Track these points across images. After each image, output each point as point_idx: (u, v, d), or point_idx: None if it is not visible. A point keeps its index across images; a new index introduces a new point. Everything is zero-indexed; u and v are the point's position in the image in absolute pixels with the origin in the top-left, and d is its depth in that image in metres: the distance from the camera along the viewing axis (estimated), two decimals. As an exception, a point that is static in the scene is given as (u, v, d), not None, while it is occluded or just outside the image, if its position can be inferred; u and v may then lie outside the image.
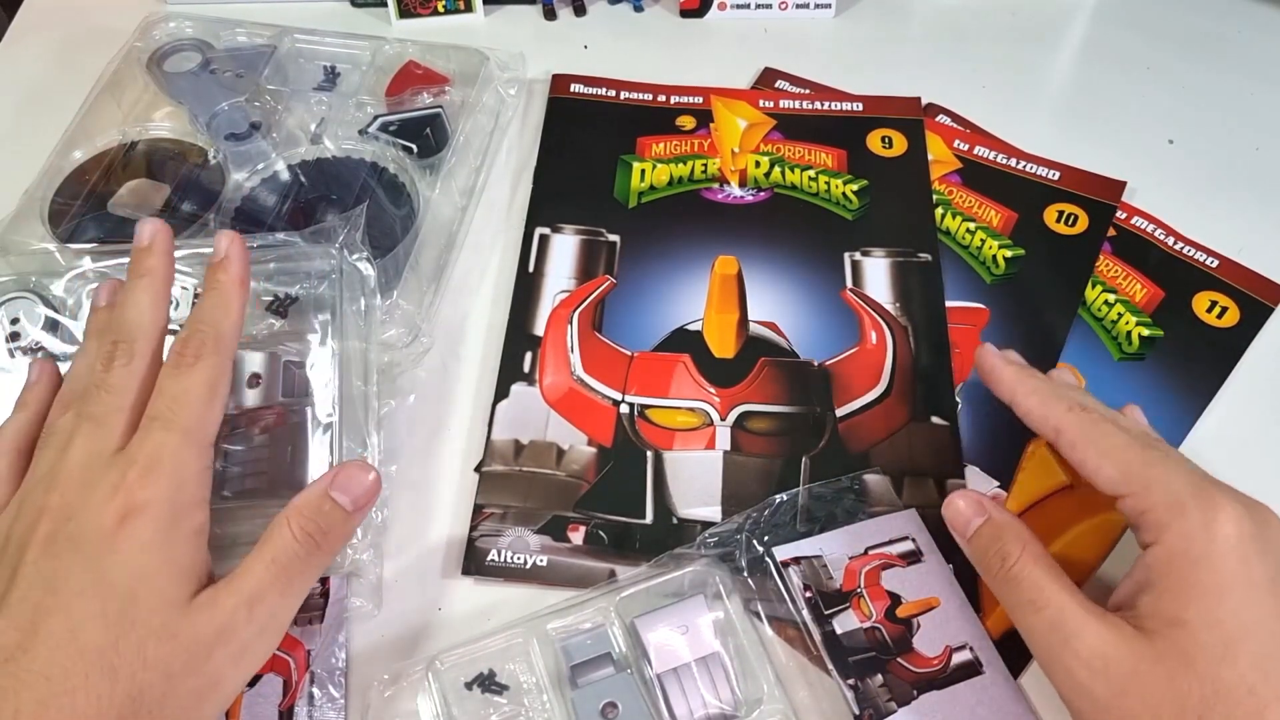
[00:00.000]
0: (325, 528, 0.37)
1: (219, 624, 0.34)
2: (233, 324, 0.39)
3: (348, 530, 0.38)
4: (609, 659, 0.41)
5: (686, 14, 0.68)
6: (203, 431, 0.37)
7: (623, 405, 0.49)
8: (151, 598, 0.33)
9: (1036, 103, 0.64)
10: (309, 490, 0.38)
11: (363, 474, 0.38)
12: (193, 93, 0.57)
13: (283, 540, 0.36)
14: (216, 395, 0.38)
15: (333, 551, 0.38)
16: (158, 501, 0.34)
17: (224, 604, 0.34)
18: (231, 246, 0.41)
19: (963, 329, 0.52)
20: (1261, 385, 0.51)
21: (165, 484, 0.35)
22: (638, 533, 0.46)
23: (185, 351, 0.38)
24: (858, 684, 0.40)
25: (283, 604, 0.36)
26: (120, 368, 0.37)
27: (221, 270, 0.40)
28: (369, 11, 0.67)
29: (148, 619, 0.33)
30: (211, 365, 0.38)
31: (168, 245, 0.41)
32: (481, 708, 0.40)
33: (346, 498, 0.37)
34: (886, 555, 0.44)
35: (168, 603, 0.34)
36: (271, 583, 0.35)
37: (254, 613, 0.35)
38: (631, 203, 0.57)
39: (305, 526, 0.36)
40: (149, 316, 0.39)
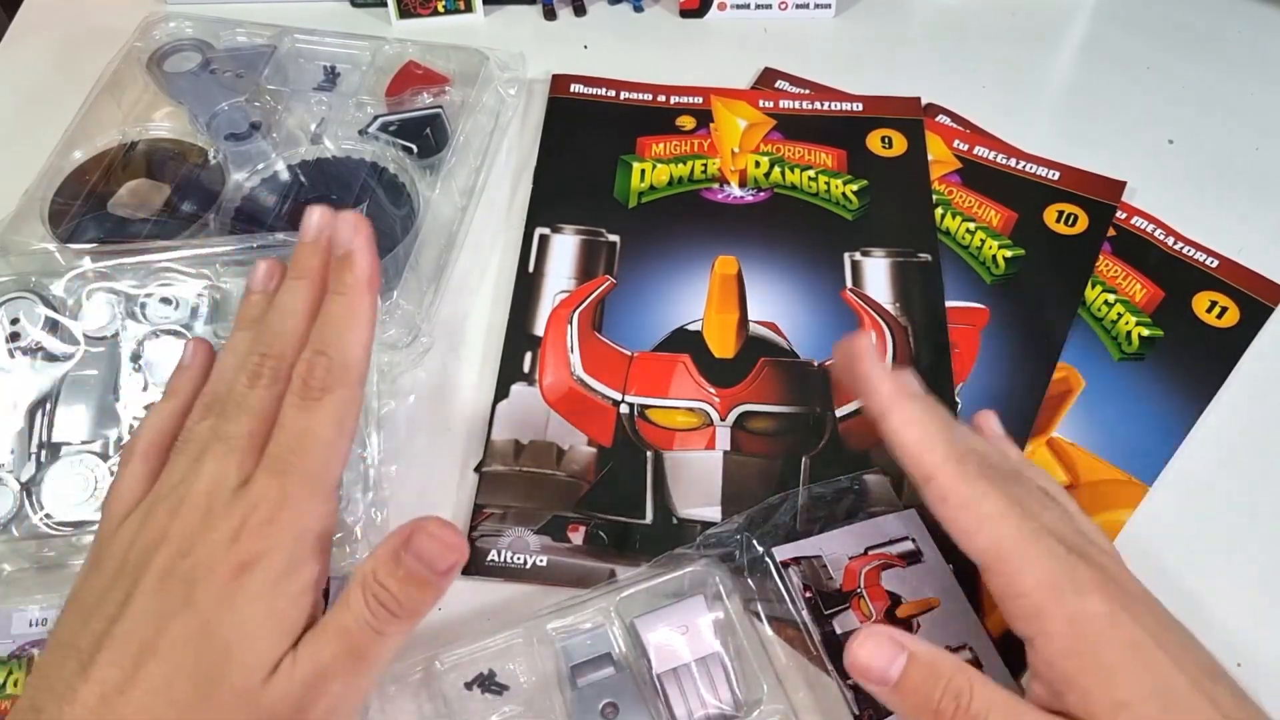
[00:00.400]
0: (401, 598, 0.33)
1: (294, 698, 0.32)
2: (362, 343, 0.36)
3: (428, 597, 0.34)
4: (609, 659, 0.41)
5: (686, 14, 0.68)
6: (327, 476, 0.34)
7: (623, 405, 0.49)
8: (246, 657, 0.31)
9: (1036, 103, 0.64)
10: (381, 550, 0.33)
11: (441, 534, 0.33)
12: (193, 93, 0.57)
13: (356, 609, 0.33)
14: (344, 434, 0.35)
15: (413, 621, 0.34)
16: (273, 553, 0.32)
17: (299, 676, 0.32)
18: (358, 235, 0.36)
19: (963, 329, 0.52)
20: (1261, 385, 0.51)
21: (284, 535, 0.33)
22: (638, 533, 0.46)
23: (311, 382, 0.34)
24: (858, 684, 0.40)
25: (356, 680, 0.33)
26: (264, 388, 0.35)
27: (347, 269, 0.36)
28: (369, 11, 0.67)
29: (236, 681, 0.31)
30: (340, 401, 0.34)
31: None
32: (481, 708, 0.40)
33: (419, 563, 0.33)
34: (886, 555, 0.44)
35: (257, 665, 0.31)
36: (342, 657, 0.32)
37: (327, 689, 0.32)
38: (631, 203, 0.57)
39: (379, 595, 0.33)
40: (304, 328, 0.36)
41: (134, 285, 0.47)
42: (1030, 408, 0.49)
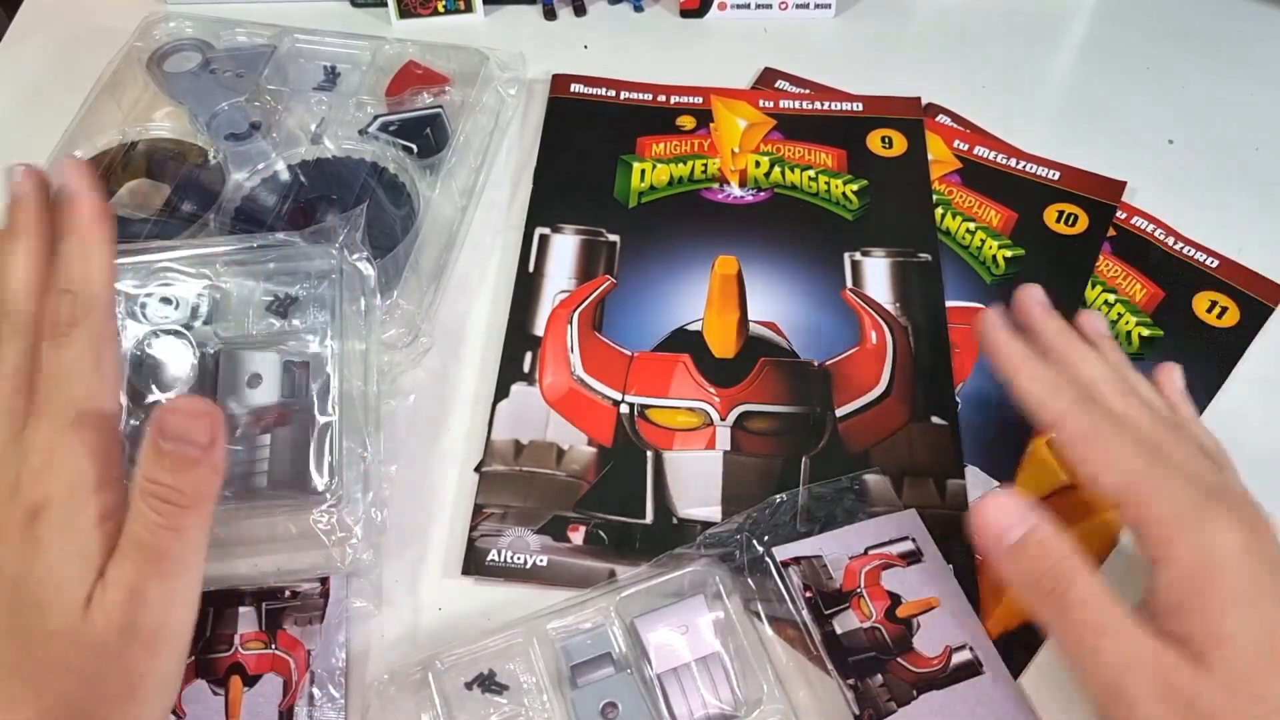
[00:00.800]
0: (177, 485, 0.32)
1: (115, 622, 0.32)
2: (101, 271, 0.35)
3: (204, 475, 0.33)
4: (609, 659, 0.41)
5: (686, 14, 0.68)
6: (95, 406, 0.33)
7: (623, 405, 0.49)
8: (55, 601, 0.31)
9: (1036, 103, 0.64)
10: (142, 449, 0.33)
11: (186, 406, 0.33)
12: (193, 93, 0.57)
13: (142, 517, 0.32)
14: (103, 361, 0.34)
15: (203, 507, 0.33)
16: (56, 496, 0.32)
17: (111, 600, 0.32)
18: (73, 176, 0.36)
19: (963, 329, 0.52)
20: (1261, 385, 0.51)
21: (63, 475, 0.32)
22: (638, 533, 0.46)
23: (59, 319, 0.34)
24: (858, 684, 0.40)
25: (173, 584, 0.33)
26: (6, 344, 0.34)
27: (72, 210, 0.36)
28: (369, 11, 0.67)
29: (53, 625, 0.31)
30: (88, 331, 0.34)
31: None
32: (481, 708, 0.40)
33: (175, 443, 0.32)
34: (886, 555, 0.44)
35: (68, 606, 0.31)
36: (146, 567, 0.32)
37: (145, 602, 0.32)
38: (631, 203, 0.57)
39: (156, 492, 0.32)
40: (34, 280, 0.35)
41: (134, 285, 0.47)
42: (1030, 408, 0.49)
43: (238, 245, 0.47)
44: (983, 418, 0.49)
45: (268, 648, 0.41)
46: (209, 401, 0.33)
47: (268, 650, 0.41)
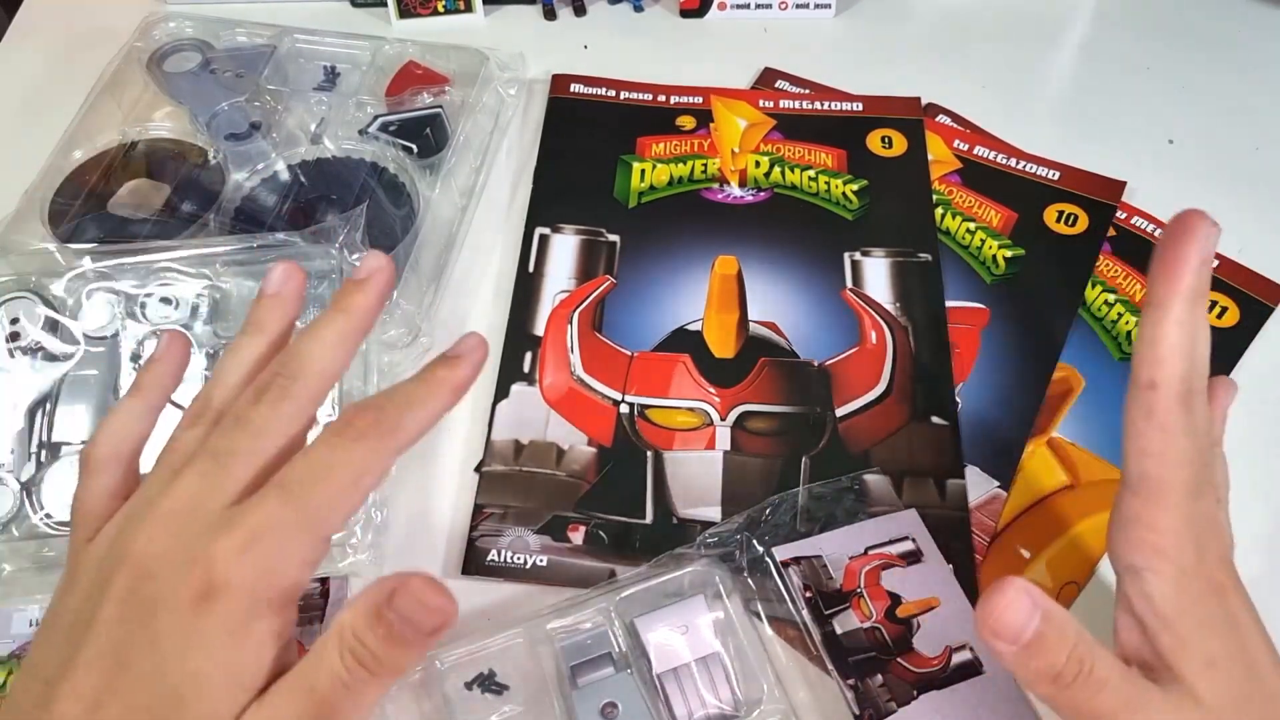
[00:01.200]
0: (380, 656, 0.29)
1: None
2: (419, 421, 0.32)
3: (410, 657, 0.30)
4: (609, 659, 0.41)
5: (686, 14, 0.68)
6: (327, 522, 0.31)
7: (623, 405, 0.49)
8: (200, 709, 0.29)
9: (1036, 103, 0.64)
10: (361, 602, 0.30)
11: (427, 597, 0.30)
12: (193, 93, 0.57)
13: (327, 667, 0.29)
14: (361, 485, 0.31)
15: (391, 681, 0.31)
16: (240, 587, 0.29)
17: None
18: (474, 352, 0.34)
19: (963, 329, 0.52)
20: (1261, 385, 0.51)
21: (255, 568, 0.29)
22: (638, 533, 0.46)
23: (354, 423, 0.31)
24: (858, 684, 0.40)
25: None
26: (269, 406, 0.32)
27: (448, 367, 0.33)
28: (369, 11, 0.67)
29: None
30: (372, 449, 0.31)
31: (384, 289, 0.35)
32: (481, 708, 0.40)
33: (402, 623, 0.29)
34: (886, 555, 0.44)
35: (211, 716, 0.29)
36: (308, 716, 0.29)
37: None
38: (631, 203, 0.57)
39: (356, 652, 0.29)
40: (328, 360, 0.33)
41: (134, 285, 0.47)
42: (1030, 408, 0.49)
43: (238, 245, 0.47)
44: (983, 418, 0.49)
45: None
46: (450, 598, 0.30)
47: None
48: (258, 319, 0.35)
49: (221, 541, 0.29)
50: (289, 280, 0.36)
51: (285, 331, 0.35)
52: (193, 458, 0.31)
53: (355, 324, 0.34)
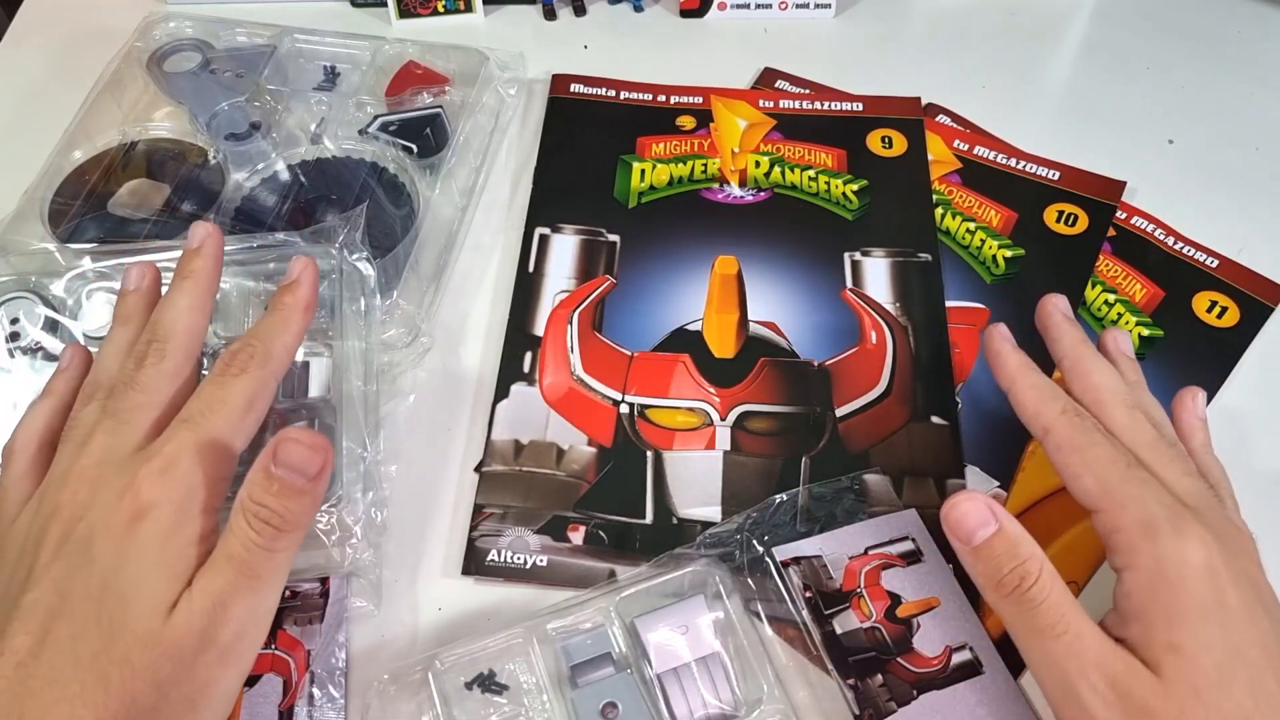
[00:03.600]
0: (279, 510, 0.34)
1: (196, 629, 0.33)
2: (286, 346, 0.39)
3: (305, 505, 0.35)
4: (609, 659, 0.41)
5: (686, 14, 0.68)
6: (229, 440, 0.36)
7: (623, 405, 0.49)
8: (140, 603, 0.33)
9: (1036, 103, 0.64)
10: (252, 472, 0.35)
11: (304, 438, 0.35)
12: (193, 93, 0.57)
13: (241, 535, 0.34)
14: (253, 410, 0.37)
15: (298, 532, 0.35)
16: (165, 502, 0.34)
17: (197, 607, 0.33)
18: (305, 272, 0.41)
19: (963, 329, 0.52)
20: (1261, 385, 0.51)
21: (177, 486, 0.34)
22: (638, 533, 0.46)
23: (233, 362, 0.37)
24: (858, 684, 0.40)
25: (253, 599, 0.34)
26: (151, 366, 0.37)
27: (289, 293, 0.40)
28: (369, 11, 0.67)
29: (134, 625, 0.32)
30: (255, 379, 0.37)
31: (217, 251, 0.41)
32: (481, 708, 0.40)
33: (290, 473, 0.34)
34: (886, 555, 0.44)
35: (153, 608, 0.33)
36: (237, 581, 0.34)
37: (228, 614, 0.33)
38: (631, 203, 0.57)
39: (258, 513, 0.34)
40: (187, 320, 0.39)
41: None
42: (1030, 408, 0.49)
43: (238, 245, 0.47)
44: (983, 418, 0.49)
45: (267, 648, 0.41)
46: (322, 436, 0.35)
47: (267, 650, 0.41)
48: (124, 312, 0.41)
49: (143, 470, 0.34)
50: (144, 278, 0.42)
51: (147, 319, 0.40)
52: (96, 425, 0.36)
53: (202, 285, 0.40)
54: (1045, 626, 0.35)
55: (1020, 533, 0.37)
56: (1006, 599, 0.36)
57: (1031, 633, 0.36)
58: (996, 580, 0.36)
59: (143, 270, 0.42)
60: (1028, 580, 0.35)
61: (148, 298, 0.42)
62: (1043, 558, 0.36)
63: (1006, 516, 0.37)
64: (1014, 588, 0.36)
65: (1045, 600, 0.35)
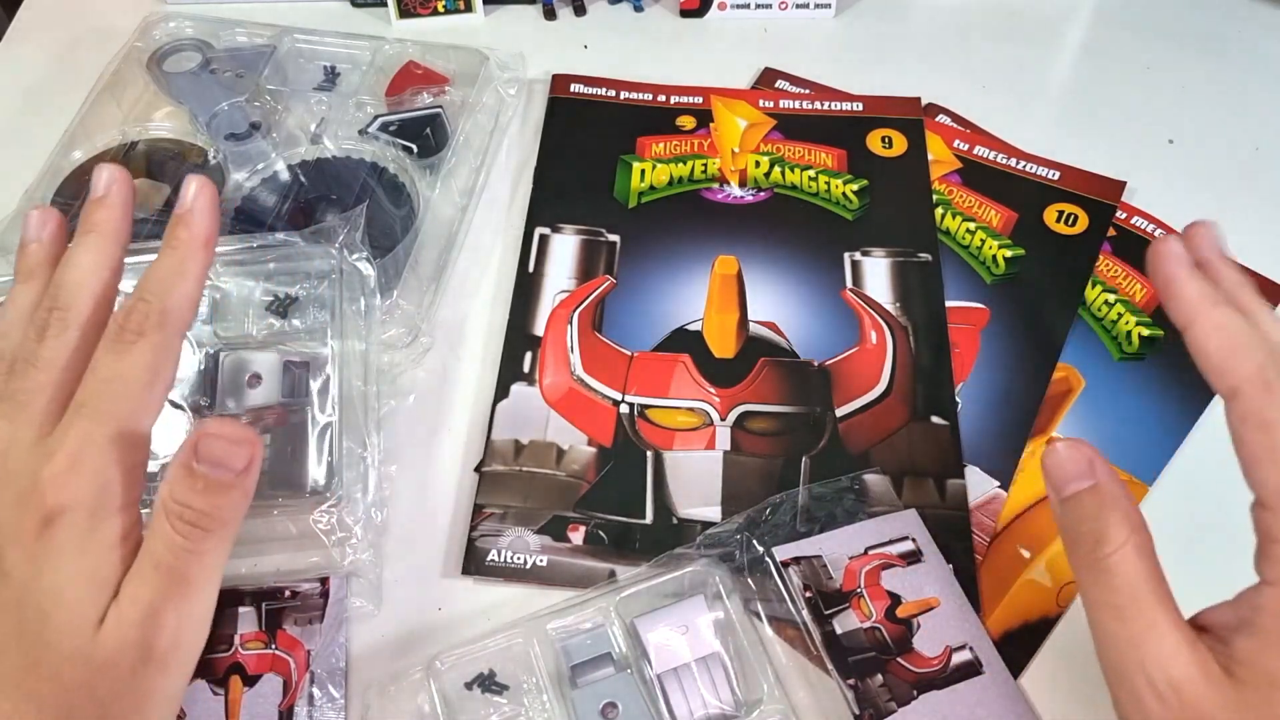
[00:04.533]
0: (205, 509, 0.31)
1: (130, 641, 0.31)
2: (185, 295, 0.34)
3: (234, 501, 0.32)
4: (609, 659, 0.41)
5: (686, 14, 0.68)
6: (137, 422, 0.32)
7: (623, 405, 0.49)
8: (62, 616, 0.30)
9: (1036, 103, 0.64)
10: (172, 470, 0.32)
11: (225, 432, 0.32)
12: (193, 93, 0.57)
13: (162, 538, 0.31)
14: (158, 380, 0.33)
15: (227, 530, 0.32)
16: (77, 506, 0.31)
17: (127, 619, 0.31)
18: (199, 197, 0.35)
19: (963, 329, 0.52)
20: (1261, 385, 0.51)
21: (87, 485, 0.31)
22: (638, 533, 0.46)
23: (127, 326, 0.33)
24: (858, 684, 0.40)
25: (186, 606, 0.32)
26: (53, 339, 0.33)
27: (182, 225, 0.34)
28: (369, 11, 0.67)
29: (60, 642, 0.30)
30: (154, 345, 0.33)
31: (125, 197, 0.36)
32: (481, 708, 0.40)
33: (213, 467, 0.31)
34: (886, 555, 0.44)
35: (79, 623, 0.30)
36: (166, 589, 0.31)
37: (161, 623, 0.31)
38: (631, 203, 0.57)
39: (184, 515, 0.31)
40: (92, 283, 0.34)
41: (134, 285, 0.46)
42: (1030, 408, 0.49)
43: (238, 245, 0.47)
44: (983, 418, 0.49)
45: (268, 648, 0.41)
46: (248, 427, 0.33)
47: (268, 650, 0.41)
48: (25, 267, 0.36)
49: (46, 469, 0.31)
50: (45, 225, 0.37)
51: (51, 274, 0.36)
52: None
53: (107, 238, 0.35)
54: (1115, 605, 0.31)
55: (1119, 496, 0.32)
56: (1082, 562, 0.32)
57: (1100, 607, 0.32)
58: (1075, 537, 0.32)
59: (44, 216, 0.37)
60: (1106, 545, 0.31)
61: (51, 249, 0.37)
62: (1137, 528, 0.31)
63: (1109, 475, 0.32)
64: (1090, 550, 0.31)
65: (1121, 575, 0.31)
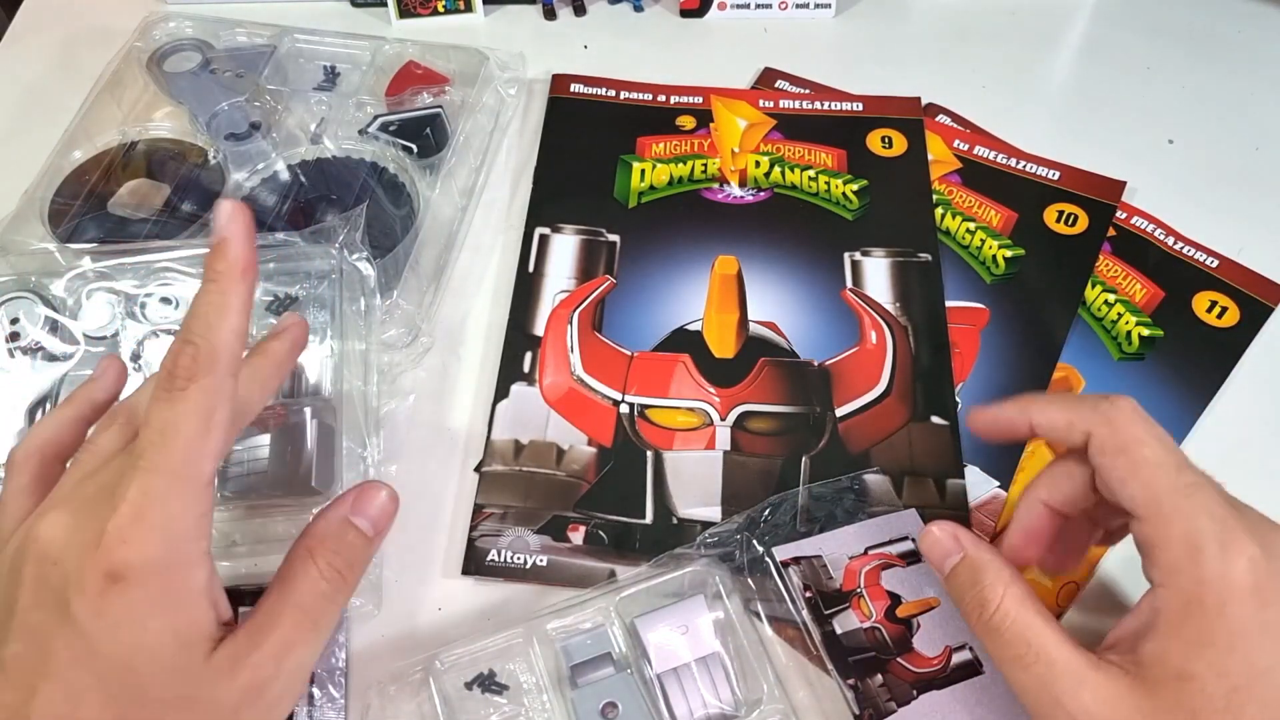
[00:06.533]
0: (350, 560, 0.34)
1: (245, 683, 0.31)
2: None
3: (369, 557, 0.35)
4: (609, 659, 0.41)
5: (686, 14, 0.68)
6: (197, 470, 0.31)
7: (623, 405, 0.49)
8: (154, 668, 0.30)
9: (1036, 103, 0.64)
10: (327, 518, 0.34)
11: (379, 493, 0.35)
12: (193, 93, 0.57)
13: (308, 582, 0.33)
14: (213, 425, 0.32)
15: (356, 583, 0.35)
16: (147, 565, 0.30)
17: (249, 661, 0.31)
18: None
19: (963, 329, 0.52)
20: (1261, 385, 0.51)
21: (155, 542, 0.30)
22: (638, 533, 0.45)
23: (176, 373, 0.32)
24: (858, 684, 0.40)
25: (310, 650, 0.33)
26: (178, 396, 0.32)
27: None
28: (369, 11, 0.67)
29: (158, 691, 0.30)
30: (205, 389, 0.31)
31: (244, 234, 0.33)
32: (481, 708, 0.40)
33: (368, 522, 0.34)
34: (886, 555, 0.44)
35: (178, 670, 0.31)
36: (299, 630, 0.32)
37: (282, 665, 0.32)
38: (631, 203, 0.57)
39: (332, 562, 0.33)
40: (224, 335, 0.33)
41: (134, 285, 0.47)
42: (1030, 408, 0.49)
43: (238, 245, 0.47)
44: (983, 418, 0.49)
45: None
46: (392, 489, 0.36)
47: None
48: None
49: (112, 523, 0.30)
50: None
51: None
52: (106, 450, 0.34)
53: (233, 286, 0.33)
54: (1013, 656, 0.34)
55: (986, 559, 0.36)
56: (977, 627, 0.35)
57: (1003, 663, 0.34)
58: (965, 608, 0.36)
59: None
60: (987, 607, 0.35)
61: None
62: (1009, 582, 0.35)
63: (973, 543, 0.37)
64: (976, 614, 0.35)
65: (1008, 626, 0.34)
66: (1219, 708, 0.31)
